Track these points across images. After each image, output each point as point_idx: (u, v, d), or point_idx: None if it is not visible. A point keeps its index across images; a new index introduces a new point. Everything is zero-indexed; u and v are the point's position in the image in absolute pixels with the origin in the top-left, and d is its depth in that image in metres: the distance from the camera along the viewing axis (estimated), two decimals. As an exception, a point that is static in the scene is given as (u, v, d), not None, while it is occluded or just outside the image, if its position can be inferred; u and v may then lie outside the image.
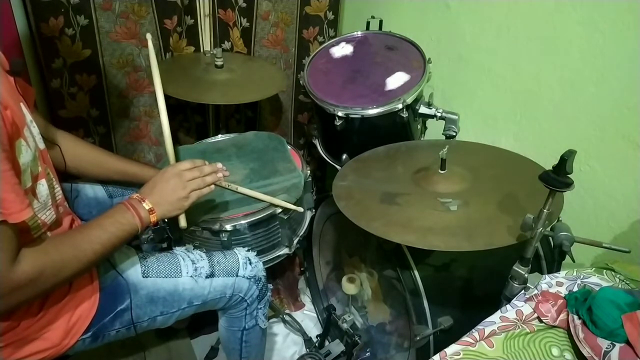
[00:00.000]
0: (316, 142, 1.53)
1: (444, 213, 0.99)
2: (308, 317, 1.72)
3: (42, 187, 0.85)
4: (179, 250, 1.12)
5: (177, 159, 1.31)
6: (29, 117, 0.87)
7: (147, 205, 0.95)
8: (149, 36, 1.12)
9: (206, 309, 1.13)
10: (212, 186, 1.12)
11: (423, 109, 1.35)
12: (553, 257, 0.94)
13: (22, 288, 0.75)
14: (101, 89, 1.63)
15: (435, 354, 0.74)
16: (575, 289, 0.83)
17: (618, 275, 0.86)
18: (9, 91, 0.82)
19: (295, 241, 1.32)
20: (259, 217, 1.19)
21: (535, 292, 0.82)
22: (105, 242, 0.87)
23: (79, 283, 0.93)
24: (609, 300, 0.73)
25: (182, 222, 1.06)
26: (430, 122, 1.45)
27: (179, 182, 1.00)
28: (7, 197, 0.71)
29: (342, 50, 1.49)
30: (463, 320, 0.98)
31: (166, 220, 1.20)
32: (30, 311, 0.87)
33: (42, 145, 0.91)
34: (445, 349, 0.75)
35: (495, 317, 0.80)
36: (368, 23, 1.54)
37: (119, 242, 0.90)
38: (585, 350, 0.71)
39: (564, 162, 0.73)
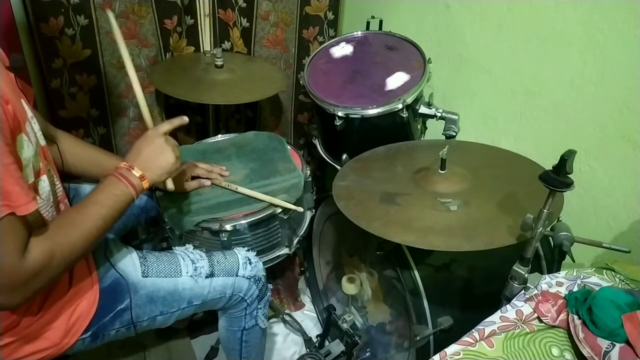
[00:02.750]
0: (316, 142, 1.53)
1: (444, 213, 0.99)
2: (308, 317, 1.72)
3: (44, 183, 0.85)
4: (178, 250, 1.12)
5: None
6: (29, 113, 0.87)
7: (137, 172, 0.93)
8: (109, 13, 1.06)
9: (206, 309, 1.13)
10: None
11: (423, 109, 1.35)
12: (553, 257, 0.94)
13: (36, 276, 0.76)
14: (101, 89, 1.63)
15: (435, 354, 0.74)
16: (575, 289, 0.83)
17: (618, 275, 0.86)
18: (10, 86, 0.82)
19: (295, 241, 1.32)
20: (259, 217, 1.19)
21: (535, 292, 0.82)
22: (106, 216, 0.87)
23: (78, 282, 0.94)
24: (609, 300, 0.73)
25: (170, 184, 1.05)
26: (430, 122, 1.45)
27: (165, 145, 0.99)
28: (13, 190, 0.71)
29: (342, 50, 1.49)
30: (463, 320, 0.98)
31: (166, 220, 1.20)
32: (30, 310, 0.87)
33: (43, 142, 0.91)
34: (445, 349, 0.75)
35: (495, 317, 0.80)
36: (368, 23, 1.54)
37: (118, 214, 0.90)
38: (585, 350, 0.71)
39: (564, 162, 0.73)
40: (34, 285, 0.77)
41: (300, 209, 1.26)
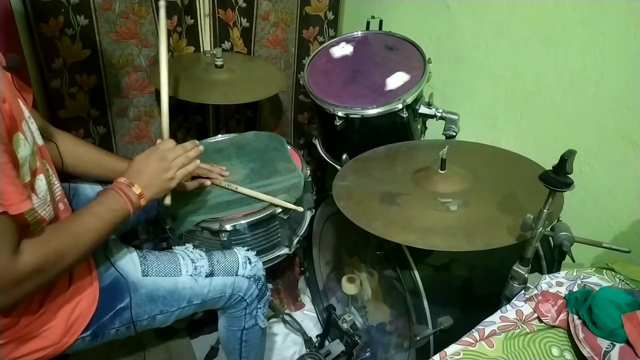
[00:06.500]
0: (316, 142, 1.53)
1: (444, 213, 0.98)
2: (308, 317, 1.72)
3: (41, 182, 0.85)
4: (178, 249, 1.12)
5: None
6: (26, 112, 0.87)
7: (136, 189, 0.96)
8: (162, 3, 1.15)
9: (206, 308, 1.13)
10: (197, 161, 1.10)
11: (423, 109, 1.35)
12: (553, 257, 0.94)
13: (27, 279, 0.76)
14: (101, 89, 1.63)
15: (435, 354, 0.74)
16: (575, 289, 0.83)
17: (618, 275, 0.86)
18: (7, 85, 0.82)
19: (295, 241, 1.32)
20: (259, 217, 1.19)
21: (535, 292, 0.82)
22: (101, 229, 0.88)
23: (78, 281, 0.94)
24: (609, 300, 0.73)
25: (167, 200, 1.07)
26: (430, 122, 1.45)
27: (164, 163, 1.01)
28: (6, 189, 0.71)
29: (342, 50, 1.49)
30: (463, 320, 0.97)
31: (166, 220, 1.20)
32: (30, 309, 0.87)
33: (40, 142, 0.91)
34: (445, 349, 0.75)
35: (495, 317, 0.80)
36: (368, 23, 1.54)
37: (112, 228, 0.91)
38: (585, 350, 0.71)
39: (564, 162, 0.73)
40: (25, 288, 0.77)
41: (300, 209, 1.26)
